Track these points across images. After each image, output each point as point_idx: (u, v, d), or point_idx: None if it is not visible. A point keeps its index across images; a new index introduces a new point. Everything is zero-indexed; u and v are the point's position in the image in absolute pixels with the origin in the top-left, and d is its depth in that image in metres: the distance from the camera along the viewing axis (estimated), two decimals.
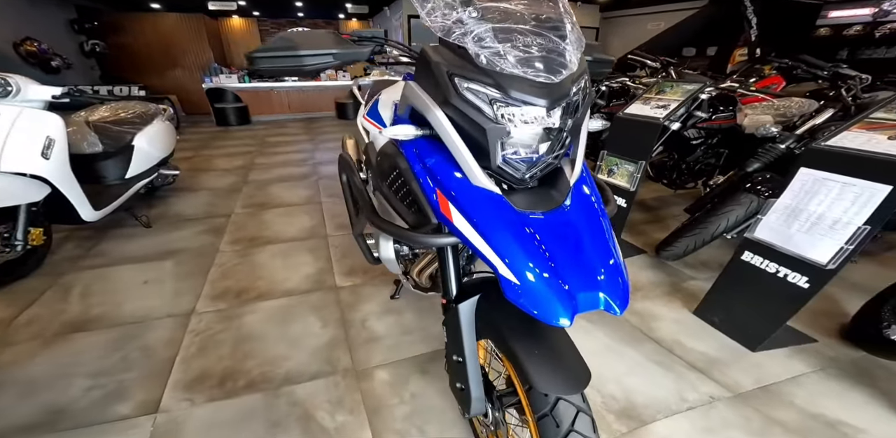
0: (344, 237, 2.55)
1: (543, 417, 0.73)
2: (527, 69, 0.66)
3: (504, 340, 0.77)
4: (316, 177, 3.89)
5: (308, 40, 0.85)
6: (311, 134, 6.18)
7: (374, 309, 1.81)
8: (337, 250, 2.37)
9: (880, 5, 5.33)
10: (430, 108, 0.73)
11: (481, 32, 0.67)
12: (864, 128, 1.45)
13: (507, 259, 0.65)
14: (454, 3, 0.70)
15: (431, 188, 0.77)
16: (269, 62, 0.84)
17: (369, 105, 1.22)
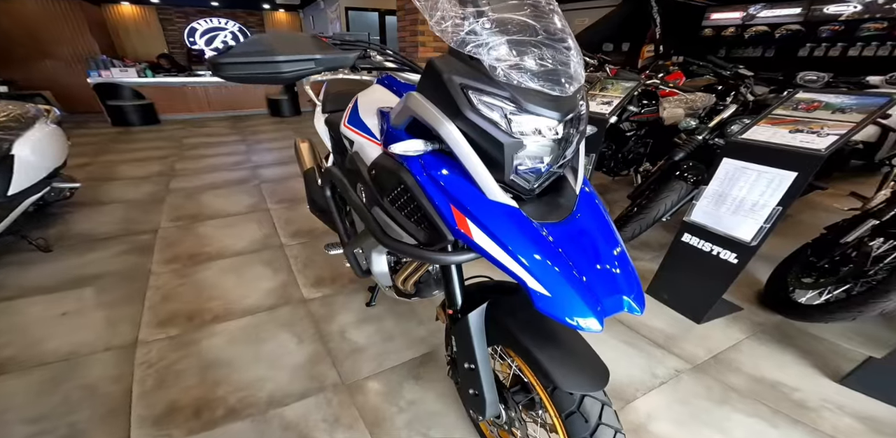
0: (303, 246, 2.44)
1: (571, 414, 0.78)
2: (543, 82, 0.67)
3: (521, 345, 0.80)
4: (257, 181, 3.65)
5: (286, 44, 0.79)
6: (242, 134, 5.75)
7: (350, 318, 1.78)
8: (297, 260, 2.27)
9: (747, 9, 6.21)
10: (441, 122, 0.71)
11: (496, 44, 0.67)
12: (769, 124, 1.71)
13: (536, 271, 0.67)
14: (466, 14, 0.68)
15: (445, 204, 0.75)
16: (238, 69, 0.77)
17: (348, 111, 1.15)
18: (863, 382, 1.50)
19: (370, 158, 0.96)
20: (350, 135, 1.06)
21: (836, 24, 5.65)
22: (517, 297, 0.93)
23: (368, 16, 7.97)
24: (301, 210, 2.98)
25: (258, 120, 6.94)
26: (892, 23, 5.17)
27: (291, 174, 3.88)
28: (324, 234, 2.58)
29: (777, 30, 6.11)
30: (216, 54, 0.78)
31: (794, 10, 5.95)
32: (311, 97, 2.04)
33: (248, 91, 7.25)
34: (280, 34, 0.83)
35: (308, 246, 2.44)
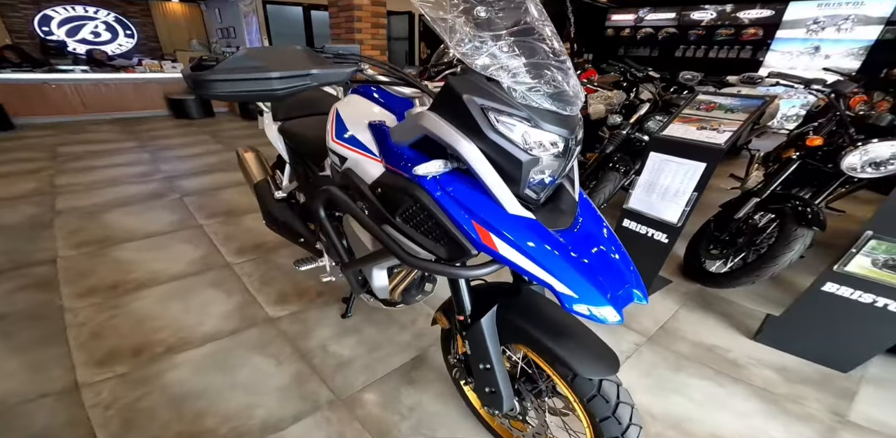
0: (254, 263, 2.31)
1: (593, 398, 0.88)
2: (555, 103, 0.74)
3: (538, 341, 0.89)
4: (177, 194, 3.30)
5: (279, 59, 0.76)
6: (140, 140, 5.09)
7: (328, 332, 1.76)
8: (252, 279, 2.15)
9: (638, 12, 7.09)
10: (461, 143, 0.75)
11: (515, 67, 0.71)
12: (680, 122, 2.04)
13: (563, 277, 0.73)
14: (485, 37, 0.72)
15: (467, 220, 0.78)
16: (227, 87, 0.73)
17: (332, 125, 1.10)
18: (770, 338, 1.87)
19: (370, 175, 0.96)
20: (341, 150, 1.04)
21: (700, 29, 6.70)
22: (520, 297, 1.02)
23: (290, 10, 7.41)
24: (242, 224, 2.79)
25: (158, 123, 6.19)
26: (738, 29, 6.27)
27: (221, 184, 3.58)
28: (277, 248, 2.46)
29: (659, 32, 7.06)
30: (199, 71, 0.73)
31: (670, 14, 6.92)
32: (260, 105, 1.93)
33: (139, 89, 6.41)
34: (272, 49, 0.79)
35: (260, 262, 2.31)
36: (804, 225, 1.99)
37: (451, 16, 0.71)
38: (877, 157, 2.01)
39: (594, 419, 0.88)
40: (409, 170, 0.85)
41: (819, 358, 1.76)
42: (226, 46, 8.20)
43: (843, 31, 5.36)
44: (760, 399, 1.53)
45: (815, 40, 5.61)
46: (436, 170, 0.80)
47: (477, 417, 1.34)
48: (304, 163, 1.67)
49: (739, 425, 1.41)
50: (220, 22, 8.21)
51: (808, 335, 1.76)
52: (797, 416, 1.45)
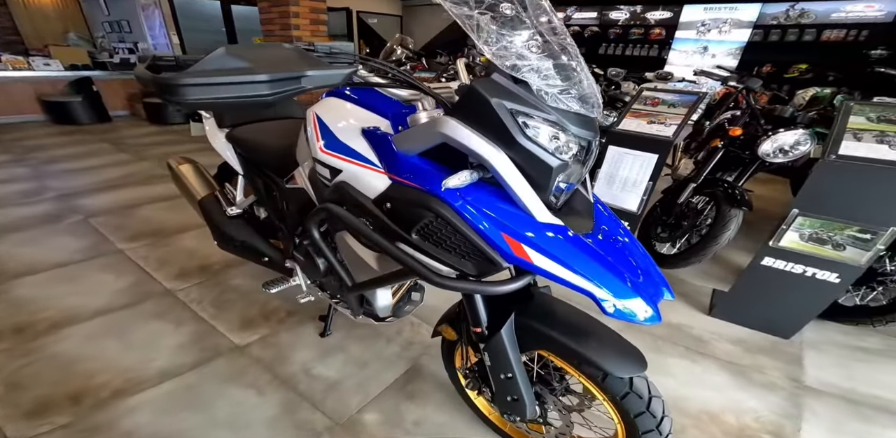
0: (202, 287, 2.10)
1: (626, 395, 0.91)
2: (583, 105, 0.74)
3: (561, 345, 0.91)
4: (79, 215, 2.88)
5: (265, 59, 0.68)
6: (12, 152, 4.34)
7: (309, 354, 1.66)
8: (203, 305, 1.95)
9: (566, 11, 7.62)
10: (488, 150, 0.72)
11: (546, 68, 0.70)
12: (632, 116, 2.24)
13: (601, 282, 0.73)
14: (513, 36, 0.70)
15: (496, 232, 0.75)
16: (207, 92, 0.64)
17: (316, 133, 1.00)
18: (723, 312, 2.12)
19: (373, 188, 0.90)
20: (333, 162, 0.96)
21: (618, 28, 7.38)
22: (534, 302, 1.01)
23: (206, 4, 6.71)
24: (177, 245, 2.51)
25: (33, 130, 5.32)
26: (647, 29, 7.02)
27: (138, 200, 3.20)
28: (227, 269, 2.26)
29: (585, 30, 7.65)
30: (169, 74, 0.63)
31: (592, 14, 7.53)
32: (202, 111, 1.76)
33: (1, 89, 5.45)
34: (256, 47, 0.71)
35: (210, 286, 2.11)
36: (736, 206, 2.29)
37: (476, 13, 0.69)
38: (784, 144, 2.37)
39: (628, 415, 0.92)
40: (424, 182, 0.81)
41: (765, 328, 2.03)
42: (118, 42, 7.31)
43: (724, 33, 6.26)
44: (729, 372, 1.72)
45: (703, 41, 6.46)
46: (464, 181, 0.76)
47: (486, 423, 1.36)
48: (263, 175, 1.56)
49: (721, 398, 1.57)
50: (108, 14, 7.29)
51: (754, 307, 2.02)
52: (763, 385, 1.66)
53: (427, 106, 0.88)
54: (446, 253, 0.83)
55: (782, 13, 5.88)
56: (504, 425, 1.30)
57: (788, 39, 5.90)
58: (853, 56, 5.71)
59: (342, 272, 1.11)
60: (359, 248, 1.07)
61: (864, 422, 1.49)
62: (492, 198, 0.78)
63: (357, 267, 1.12)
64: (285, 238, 1.56)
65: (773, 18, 5.90)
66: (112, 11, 7.22)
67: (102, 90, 5.93)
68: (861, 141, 1.79)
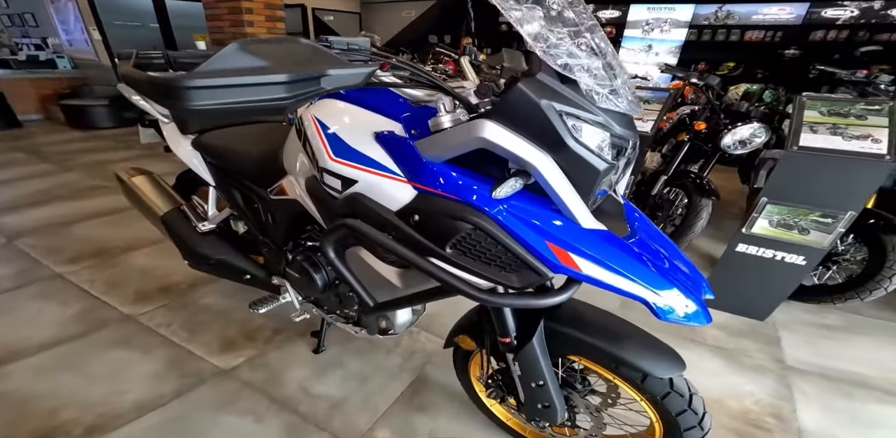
0: (168, 309, 1.93)
1: (667, 395, 0.91)
2: (629, 105, 0.72)
3: (597, 349, 0.91)
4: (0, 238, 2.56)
5: (281, 57, 0.63)
6: None
7: (304, 373, 1.57)
8: (172, 328, 1.80)
9: None
10: (536, 156, 0.69)
11: (594, 67, 0.68)
12: None
13: (653, 286, 0.72)
14: (563, 33, 0.68)
15: (540, 242, 0.74)
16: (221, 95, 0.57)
17: (322, 140, 0.92)
18: None
19: (396, 200, 0.85)
20: (346, 171, 0.90)
21: None
22: (562, 307, 0.99)
23: None
24: (128, 264, 2.30)
25: None
26: None
27: (71, 216, 2.89)
28: (195, 287, 2.10)
29: None
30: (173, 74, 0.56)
31: None
32: (151, 111, 1.62)
33: None
34: (271, 42, 0.64)
35: (177, 308, 1.95)
36: (706, 197, 2.46)
37: (525, 9, 0.68)
38: (743, 137, 2.58)
39: (669, 414, 0.94)
40: (458, 191, 0.78)
41: (742, 311, 2.19)
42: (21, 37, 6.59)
43: (665, 33, 6.71)
44: (720, 357, 1.83)
45: (648, 39, 6.88)
46: (512, 191, 0.73)
47: (503, 428, 1.35)
48: (241, 185, 1.46)
49: (720, 384, 1.66)
50: (6, 6, 6.56)
51: (732, 291, 2.18)
52: (753, 369, 1.77)
53: (448, 107, 0.82)
54: (485, 267, 0.80)
55: (712, 14, 6.43)
56: (523, 429, 1.31)
57: (718, 39, 6.46)
58: (771, 55, 6.38)
59: (362, 291, 1.04)
60: (378, 265, 1.00)
61: (848, 399, 1.62)
62: (533, 206, 0.77)
63: (376, 285, 1.05)
64: (272, 253, 1.47)
65: (704, 19, 6.42)
66: (11, 3, 6.51)
67: (7, 91, 5.32)
68: (817, 133, 1.98)
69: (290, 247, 1.37)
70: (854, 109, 2.01)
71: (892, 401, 1.61)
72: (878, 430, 1.47)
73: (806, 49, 6.31)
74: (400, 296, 1.05)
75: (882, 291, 2.08)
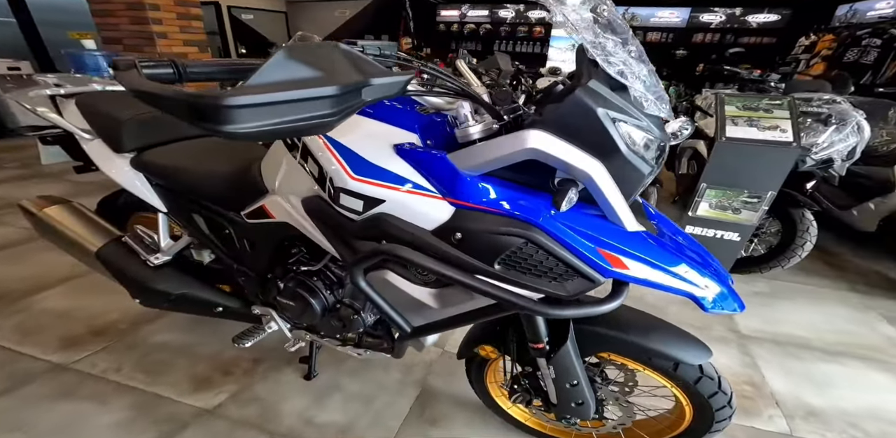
0: (110, 352, 1.68)
1: (699, 380, 0.98)
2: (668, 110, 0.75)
3: (629, 344, 0.97)
4: None
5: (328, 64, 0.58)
6: None
7: (301, 402, 1.47)
8: (125, 372, 1.57)
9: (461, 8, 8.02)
10: (590, 164, 0.70)
11: (643, 74, 0.71)
12: None
13: (695, 281, 0.77)
14: (617, 40, 0.71)
15: (592, 249, 0.75)
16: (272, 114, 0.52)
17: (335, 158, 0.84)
18: None
19: (431, 218, 0.81)
20: (371, 190, 0.83)
21: (507, 27, 8.07)
22: None
23: None
24: (39, 308, 1.94)
25: None
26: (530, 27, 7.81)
27: None
28: (138, 324, 1.85)
29: (480, 27, 8.15)
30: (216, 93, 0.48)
31: (484, 12, 8.05)
32: (64, 124, 1.38)
33: None
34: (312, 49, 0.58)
35: (122, 350, 1.70)
36: (651, 184, 2.72)
37: (579, 15, 0.70)
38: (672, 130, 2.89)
39: (701, 397, 1.01)
40: (504, 206, 0.77)
41: None
42: None
43: None
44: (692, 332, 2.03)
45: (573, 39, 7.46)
46: (571, 203, 0.73)
47: (522, 429, 1.38)
48: (203, 209, 1.31)
49: None
50: None
51: None
52: (718, 340, 1.97)
53: (473, 116, 0.80)
54: (536, 279, 0.79)
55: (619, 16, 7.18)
56: (544, 427, 1.35)
57: None
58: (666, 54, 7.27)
59: (398, 317, 0.98)
60: (410, 287, 0.94)
61: (799, 361, 1.87)
62: (580, 214, 0.78)
63: (408, 309, 0.99)
64: (251, 282, 1.34)
65: None
66: None
67: None
68: (738, 125, 2.28)
69: (279, 274, 1.27)
70: (762, 104, 2.35)
71: (831, 360, 1.89)
72: (829, 388, 1.70)
73: (691, 49, 7.27)
74: (437, 320, 1.00)
75: (798, 258, 2.46)
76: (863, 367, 1.85)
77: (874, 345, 2.02)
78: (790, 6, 6.91)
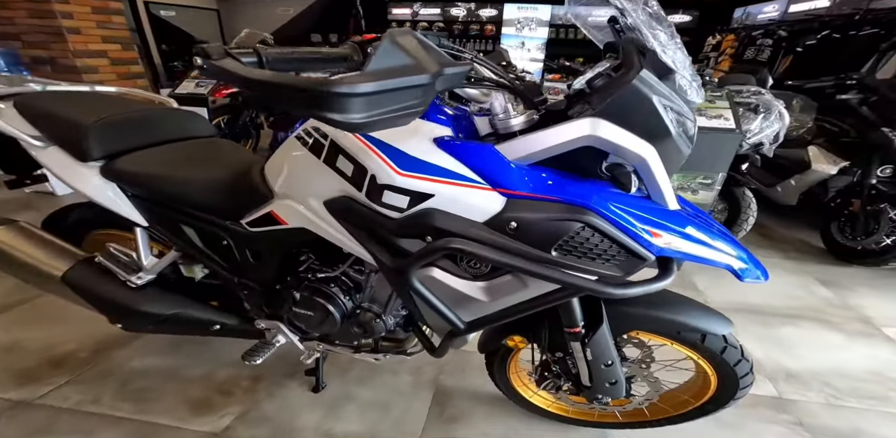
0: (80, 385, 1.49)
1: (725, 349, 1.04)
2: None
3: (658, 321, 1.02)
4: None
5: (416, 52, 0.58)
6: None
7: (314, 416, 1.39)
8: (107, 404, 1.40)
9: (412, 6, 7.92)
10: (646, 148, 0.73)
11: (687, 64, 0.75)
12: None
13: (729, 252, 0.82)
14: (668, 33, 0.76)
15: (643, 229, 0.78)
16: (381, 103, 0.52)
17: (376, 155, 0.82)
18: None
19: (482, 210, 0.81)
20: (421, 185, 0.81)
21: (460, 25, 8.11)
22: None
23: None
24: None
25: None
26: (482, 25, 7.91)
27: None
28: (103, 353, 1.65)
29: (433, 26, 8.10)
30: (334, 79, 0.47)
31: (436, 10, 7.99)
32: (15, 134, 1.20)
33: None
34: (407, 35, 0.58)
35: (91, 379, 1.52)
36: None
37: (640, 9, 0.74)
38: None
39: (727, 366, 1.07)
40: (561, 192, 0.79)
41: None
42: None
43: (532, 30, 7.46)
44: None
45: (521, 37, 7.60)
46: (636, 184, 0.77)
47: (545, 415, 1.40)
48: (195, 220, 1.18)
49: None
50: None
51: None
52: None
53: (511, 107, 0.82)
54: (590, 262, 0.81)
55: (563, 14, 7.44)
56: (567, 411, 1.38)
57: (570, 37, 7.50)
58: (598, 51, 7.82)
59: (451, 314, 0.94)
60: (456, 282, 0.92)
61: (766, 327, 2.04)
62: (624, 196, 0.81)
63: (454, 305, 0.96)
64: (256, 296, 1.25)
65: (559, 18, 7.36)
66: None
67: None
68: None
69: (291, 284, 1.19)
70: (706, 96, 2.57)
71: (790, 323, 2.10)
72: (796, 350, 1.88)
73: None
74: (488, 313, 0.98)
75: (744, 232, 2.75)
76: (816, 328, 2.08)
77: (818, 307, 2.27)
78: (698, 8, 7.55)
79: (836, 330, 2.07)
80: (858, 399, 1.61)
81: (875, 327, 2.11)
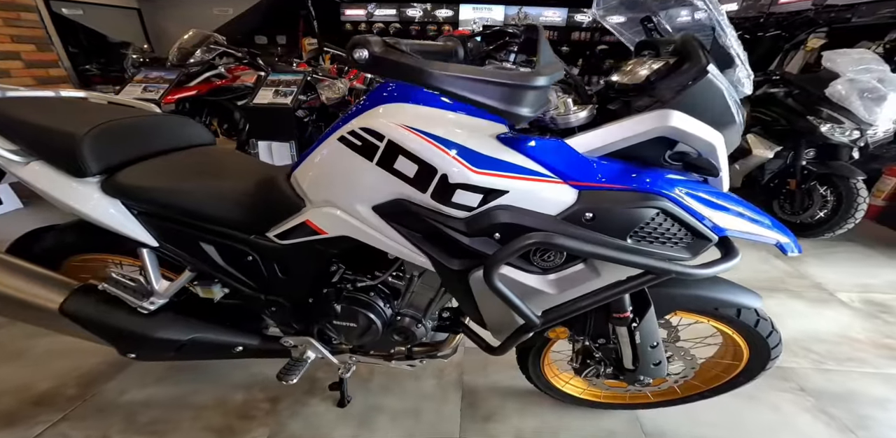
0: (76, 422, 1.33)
1: (758, 322, 1.10)
2: None
3: (700, 299, 1.07)
4: None
5: None
6: None
7: (347, 430, 1.32)
8: (130, 432, 1.26)
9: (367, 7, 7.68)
10: (716, 137, 0.78)
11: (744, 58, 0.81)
12: None
13: (777, 230, 0.88)
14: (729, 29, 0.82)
15: (707, 211, 0.82)
16: None
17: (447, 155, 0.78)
18: None
19: (555, 203, 0.81)
20: (495, 182, 0.80)
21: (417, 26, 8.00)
22: None
23: None
24: None
25: None
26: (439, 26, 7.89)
27: None
28: (92, 386, 1.49)
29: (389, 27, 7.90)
30: (525, 73, 0.52)
31: (392, 11, 7.81)
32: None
33: None
34: None
35: (89, 415, 1.36)
36: None
37: None
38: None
39: (760, 339, 1.13)
40: (633, 181, 0.81)
41: None
42: None
43: None
44: None
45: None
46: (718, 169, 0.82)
47: (577, 402, 1.43)
48: (217, 237, 1.09)
49: None
50: None
51: None
52: None
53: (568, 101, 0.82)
54: (662, 246, 0.84)
55: (514, 15, 7.60)
56: (598, 396, 1.41)
57: None
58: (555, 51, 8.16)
59: (526, 310, 0.92)
60: (526, 277, 0.91)
61: None
62: (690, 181, 0.84)
63: (538, 301, 0.96)
64: (285, 312, 1.17)
65: (511, 19, 7.53)
66: None
67: None
68: None
69: (328, 297, 1.12)
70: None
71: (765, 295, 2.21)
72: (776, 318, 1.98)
73: (571, 47, 8.08)
74: (558, 305, 0.96)
75: None
76: (784, 298, 2.27)
77: (779, 278, 2.49)
78: None
79: (800, 298, 2.27)
80: (837, 361, 1.77)
81: (829, 292, 2.34)
